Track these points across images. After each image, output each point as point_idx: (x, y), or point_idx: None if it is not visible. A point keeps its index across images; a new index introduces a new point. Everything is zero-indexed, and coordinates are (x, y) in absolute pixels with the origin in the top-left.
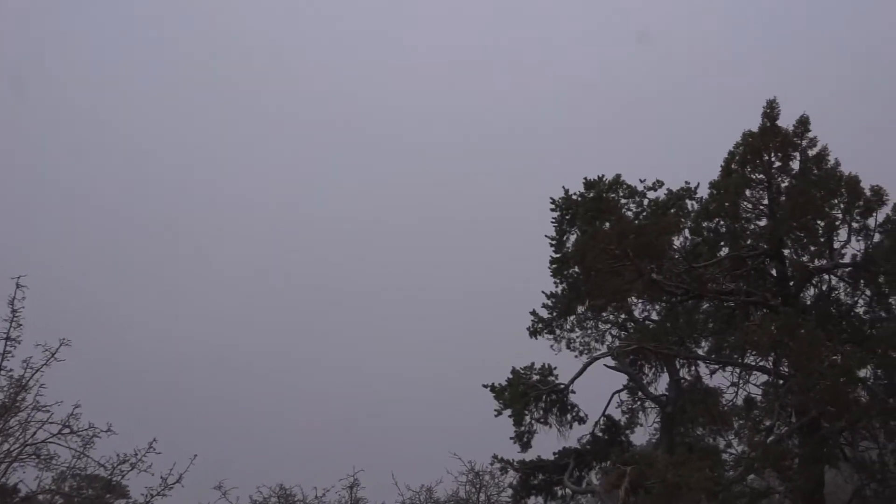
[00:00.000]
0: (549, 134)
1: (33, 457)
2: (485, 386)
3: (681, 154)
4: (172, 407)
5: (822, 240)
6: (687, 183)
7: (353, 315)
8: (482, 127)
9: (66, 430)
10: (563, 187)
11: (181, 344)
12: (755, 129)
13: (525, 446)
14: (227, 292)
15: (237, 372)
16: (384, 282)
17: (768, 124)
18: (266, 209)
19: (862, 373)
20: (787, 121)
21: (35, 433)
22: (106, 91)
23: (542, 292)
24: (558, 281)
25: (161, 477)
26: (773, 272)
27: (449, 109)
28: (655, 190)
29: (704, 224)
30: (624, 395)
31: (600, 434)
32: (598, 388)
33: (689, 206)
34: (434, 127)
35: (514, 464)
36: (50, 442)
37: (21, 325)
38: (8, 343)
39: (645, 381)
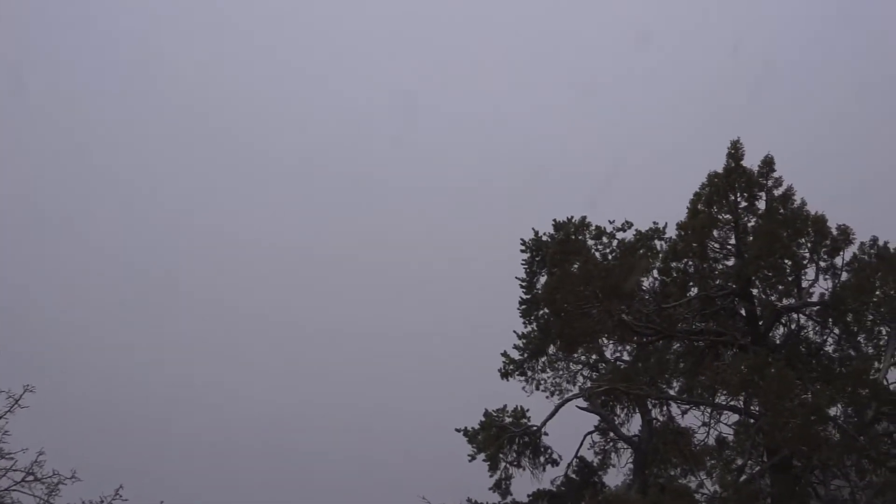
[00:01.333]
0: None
1: None
2: (458, 430)
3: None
4: (138, 452)
5: (789, 279)
6: (655, 223)
7: (328, 354)
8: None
9: (31, 478)
10: (533, 229)
11: (147, 387)
12: (720, 169)
13: (504, 493)
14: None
15: (201, 412)
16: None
17: (733, 164)
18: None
19: (832, 411)
20: (754, 160)
21: None
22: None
23: (514, 332)
24: (528, 322)
25: None
26: (742, 311)
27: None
28: (624, 231)
29: (673, 264)
30: (596, 437)
31: (573, 476)
32: (570, 430)
33: (658, 247)
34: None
35: None
36: (14, 490)
37: None
38: None
39: (617, 422)
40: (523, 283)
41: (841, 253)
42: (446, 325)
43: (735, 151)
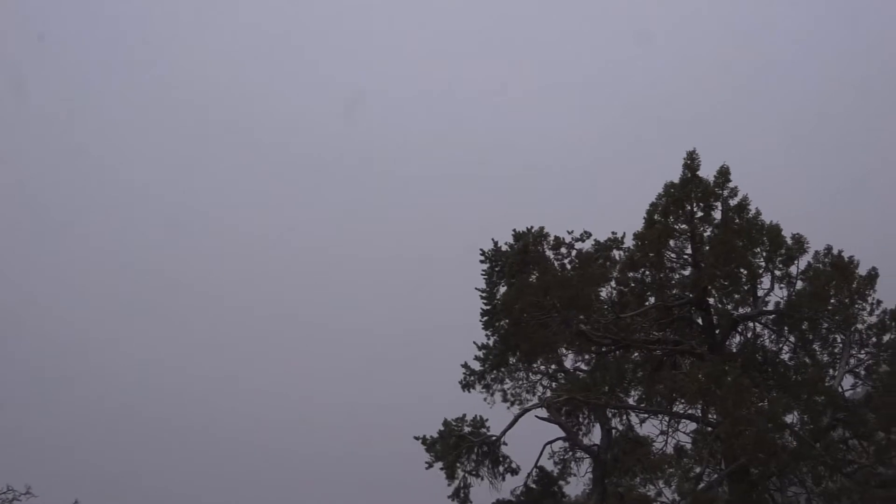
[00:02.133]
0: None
1: None
2: (416, 438)
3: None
4: (90, 467)
5: (745, 288)
6: (613, 234)
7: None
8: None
9: None
10: (493, 239)
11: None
12: (676, 180)
13: (463, 501)
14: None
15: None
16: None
17: (689, 175)
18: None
19: (788, 418)
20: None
21: None
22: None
23: (474, 343)
24: (489, 333)
25: None
26: (699, 321)
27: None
28: (582, 241)
29: (630, 274)
30: (556, 446)
31: (533, 485)
32: (530, 440)
33: (616, 257)
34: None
35: None
36: None
37: None
38: None
39: (577, 432)
40: (483, 294)
41: (796, 262)
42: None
43: (691, 162)
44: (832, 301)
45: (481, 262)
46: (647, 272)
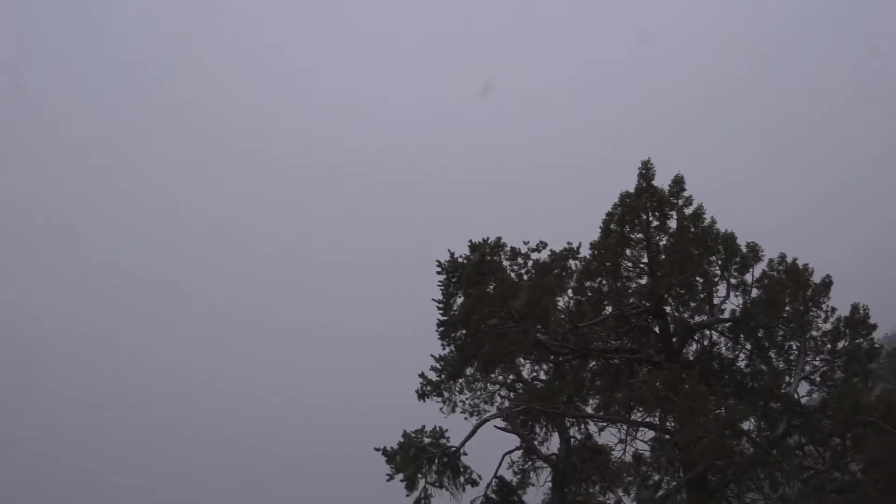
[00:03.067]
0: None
1: None
2: (377, 449)
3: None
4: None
5: (701, 296)
6: (569, 244)
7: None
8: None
9: None
10: (449, 250)
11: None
12: (631, 189)
13: None
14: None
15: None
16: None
17: (644, 184)
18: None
19: (745, 425)
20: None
21: None
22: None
23: (431, 355)
24: (446, 343)
25: None
26: (657, 329)
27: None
28: (539, 251)
29: (587, 283)
30: (515, 456)
31: (493, 496)
32: (489, 450)
33: (573, 266)
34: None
35: None
36: None
37: None
38: None
39: (535, 441)
40: (440, 305)
41: (751, 269)
42: None
43: (646, 171)
44: (787, 308)
45: (438, 273)
46: (604, 281)
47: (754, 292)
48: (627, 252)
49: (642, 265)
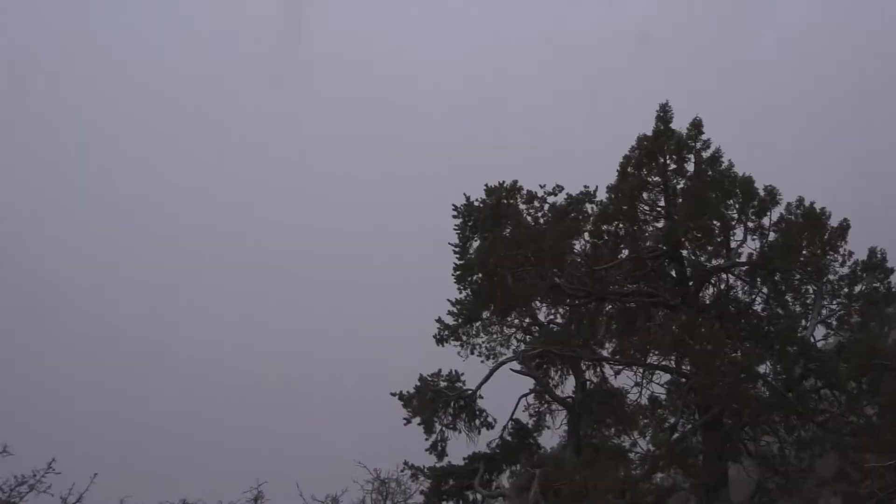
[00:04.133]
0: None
1: None
2: (393, 394)
3: None
4: (68, 424)
5: (718, 240)
6: (586, 187)
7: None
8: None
9: None
10: (465, 194)
11: (75, 356)
12: (649, 132)
13: (440, 455)
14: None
15: (130, 383)
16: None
17: (662, 127)
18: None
19: (761, 369)
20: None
21: None
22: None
23: (448, 300)
24: (462, 287)
25: (61, 497)
26: (673, 273)
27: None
28: (555, 195)
29: (604, 227)
30: (531, 399)
31: (509, 438)
32: (505, 393)
33: (589, 210)
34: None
35: (425, 470)
36: None
37: None
38: None
39: (551, 384)
40: (456, 249)
41: (768, 213)
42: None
43: (664, 114)
44: (804, 252)
45: (454, 216)
46: (621, 225)
47: (771, 236)
48: (644, 195)
49: (659, 209)
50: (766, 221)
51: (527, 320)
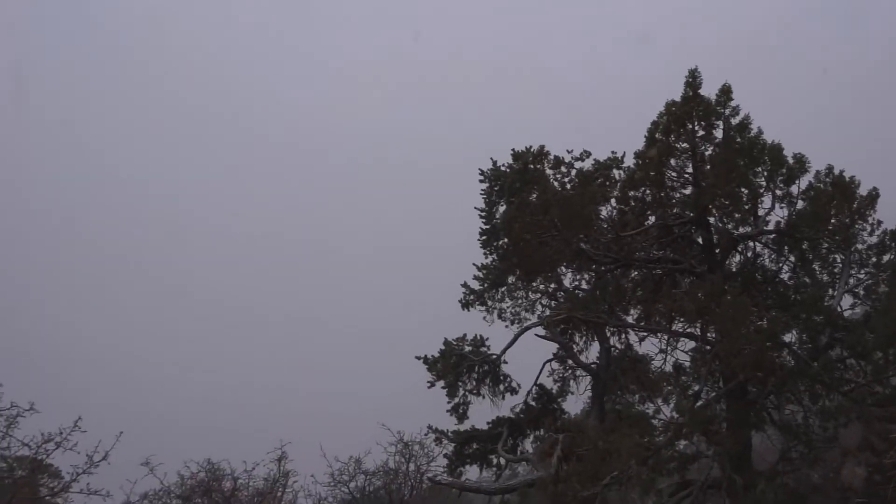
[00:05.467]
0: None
1: None
2: (417, 357)
3: None
4: (96, 384)
5: (746, 207)
6: (613, 153)
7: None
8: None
9: None
10: (492, 159)
11: (102, 318)
12: (678, 98)
13: (461, 418)
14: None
15: (158, 348)
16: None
17: (691, 93)
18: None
19: (787, 337)
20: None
21: None
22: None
23: (473, 264)
24: (488, 252)
25: (87, 455)
26: (700, 240)
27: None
28: (582, 160)
29: (631, 193)
30: (555, 364)
31: (533, 403)
32: (529, 358)
33: (616, 176)
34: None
35: (449, 434)
36: None
37: None
38: None
39: (576, 350)
40: (482, 214)
41: (797, 181)
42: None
43: (693, 80)
44: (832, 221)
45: (480, 181)
46: (648, 191)
47: (800, 204)
48: (672, 162)
49: (687, 175)
50: (794, 189)
51: (552, 286)
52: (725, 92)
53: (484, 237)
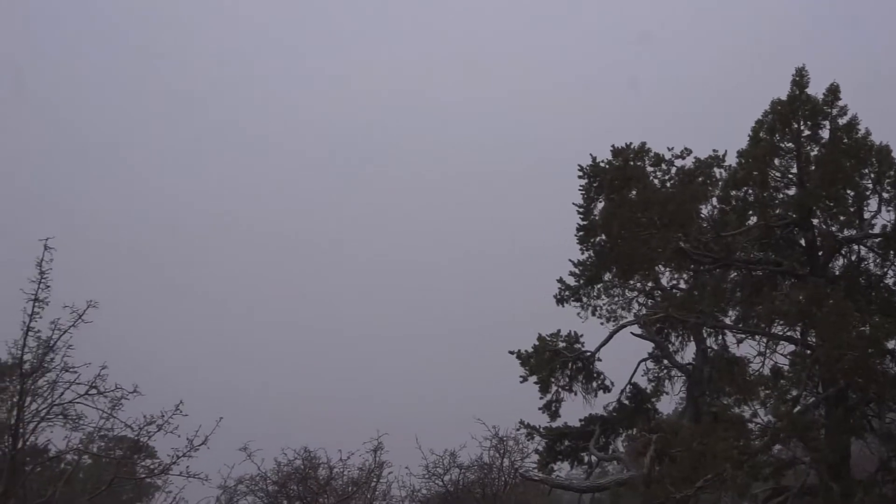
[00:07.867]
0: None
1: (61, 417)
2: (511, 352)
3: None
4: (198, 370)
5: (851, 210)
6: (715, 151)
7: (369, 278)
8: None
9: (94, 391)
10: (591, 155)
11: (206, 309)
12: (784, 97)
13: (553, 415)
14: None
15: (262, 339)
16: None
17: (797, 92)
18: None
19: (890, 344)
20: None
21: (63, 394)
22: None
23: (570, 260)
24: (585, 248)
25: (187, 438)
26: (802, 242)
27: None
28: (683, 158)
29: (732, 192)
30: (650, 364)
31: (626, 402)
32: (624, 356)
33: (717, 175)
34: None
35: (541, 430)
36: (77, 402)
37: (49, 286)
38: (36, 304)
39: (671, 350)
40: (580, 210)
41: None
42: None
43: (800, 79)
44: None
45: (579, 177)
46: (750, 190)
47: None
48: (776, 162)
49: (791, 175)
50: None
51: (649, 284)
52: (833, 91)
53: (581, 233)
